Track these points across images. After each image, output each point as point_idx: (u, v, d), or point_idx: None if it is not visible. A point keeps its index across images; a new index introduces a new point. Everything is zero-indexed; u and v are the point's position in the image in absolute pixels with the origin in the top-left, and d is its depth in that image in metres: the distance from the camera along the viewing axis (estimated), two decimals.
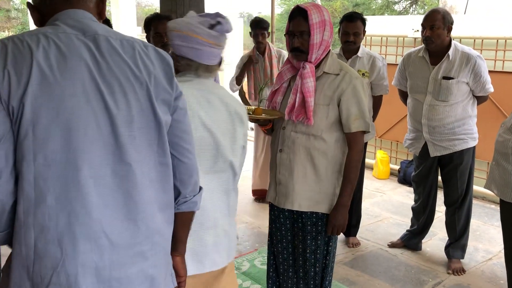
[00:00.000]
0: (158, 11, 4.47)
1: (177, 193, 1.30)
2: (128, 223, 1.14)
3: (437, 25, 2.91)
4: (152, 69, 1.18)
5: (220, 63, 1.64)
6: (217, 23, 1.52)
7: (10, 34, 14.69)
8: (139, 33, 12.18)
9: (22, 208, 1.07)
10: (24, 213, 1.07)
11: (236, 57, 7.78)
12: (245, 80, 4.36)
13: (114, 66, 1.12)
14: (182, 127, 1.26)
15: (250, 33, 4.16)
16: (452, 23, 2.97)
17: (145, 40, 3.40)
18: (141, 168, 1.15)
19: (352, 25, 3.19)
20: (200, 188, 1.36)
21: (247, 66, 4.17)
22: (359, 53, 3.29)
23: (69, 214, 1.07)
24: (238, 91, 4.36)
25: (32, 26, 7.79)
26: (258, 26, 4.09)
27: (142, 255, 1.17)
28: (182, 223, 1.34)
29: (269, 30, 4.20)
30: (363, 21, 3.23)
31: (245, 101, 4.40)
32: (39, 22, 1.20)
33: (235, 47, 7.87)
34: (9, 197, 1.07)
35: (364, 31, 3.27)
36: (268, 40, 4.20)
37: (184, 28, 1.53)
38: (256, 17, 4.37)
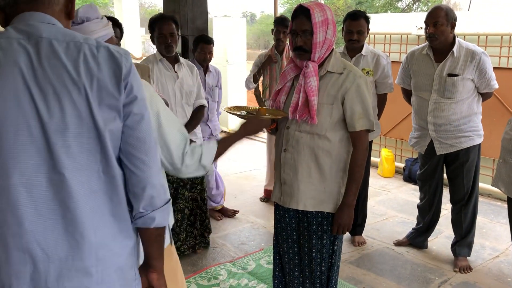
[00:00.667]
0: (161, 11, 4.48)
1: (131, 207, 1.21)
2: (66, 235, 1.10)
3: (440, 22, 2.90)
4: (96, 72, 1.10)
5: None
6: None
7: None
8: (142, 34, 12.22)
9: None
10: None
11: (239, 56, 7.82)
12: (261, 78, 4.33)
13: (50, 72, 1.08)
14: (136, 134, 1.16)
15: (272, 30, 4.14)
16: (455, 19, 2.95)
17: (150, 41, 3.41)
18: (79, 177, 1.09)
19: (355, 24, 3.19)
20: (168, 201, 1.27)
21: (266, 64, 4.15)
22: (363, 52, 3.28)
23: (1, 224, 1.06)
24: (253, 90, 4.33)
25: None
26: (282, 24, 4.05)
27: (84, 270, 1.12)
28: (146, 239, 1.25)
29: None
30: (367, 19, 3.22)
31: (260, 100, 4.39)
32: (4, 23, 1.18)
33: (238, 46, 7.85)
34: None
35: (368, 29, 3.26)
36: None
37: None
38: (281, 15, 4.35)
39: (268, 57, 4.14)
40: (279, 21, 4.10)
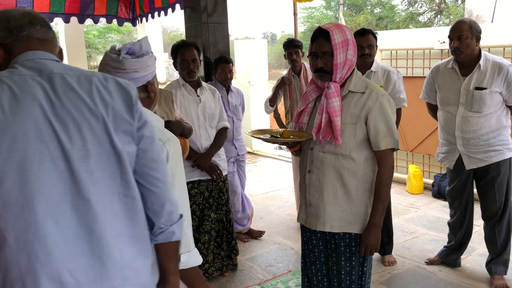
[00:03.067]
0: (183, 36, 4.57)
1: (152, 224, 1.28)
2: (93, 259, 1.14)
3: (464, 35, 2.87)
4: (110, 101, 1.19)
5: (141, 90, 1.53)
6: (121, 48, 1.52)
7: None
8: (165, 59, 12.46)
9: None
10: None
11: (260, 78, 7.87)
12: (282, 101, 4.35)
13: (68, 103, 1.14)
14: (149, 155, 1.25)
15: (285, 55, 4.19)
16: (480, 32, 2.91)
17: (173, 67, 3.48)
18: (103, 201, 1.15)
19: (364, 38, 3.24)
20: (181, 216, 1.34)
21: (279, 87, 4.18)
22: (373, 68, 3.31)
23: (29, 254, 1.09)
24: (273, 112, 4.36)
25: (64, 59, 8.06)
26: (290, 45, 4.11)
27: None
28: (165, 254, 1.32)
29: (303, 49, 4.19)
30: (374, 35, 3.29)
31: (280, 123, 4.40)
32: (3, 59, 1.24)
33: (260, 67, 7.91)
34: None
35: (376, 46, 3.31)
36: (303, 61, 4.20)
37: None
38: (288, 38, 4.41)
39: (281, 80, 4.16)
40: (287, 44, 4.15)
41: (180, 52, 3.16)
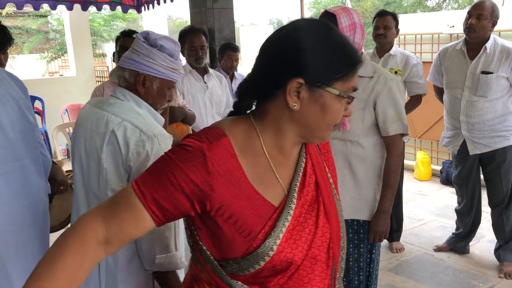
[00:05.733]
0: (189, 23, 4.53)
1: None
2: None
3: (484, 15, 2.81)
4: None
5: None
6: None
7: (50, 54, 15.22)
8: None
9: None
10: None
11: None
12: None
13: None
14: None
15: None
16: (498, 18, 2.87)
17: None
18: None
19: (381, 19, 3.23)
20: None
21: None
22: (392, 51, 3.28)
23: None
24: None
25: (69, 47, 8.06)
26: None
27: None
28: None
29: None
30: (395, 17, 3.25)
31: None
32: None
33: None
34: None
35: (398, 29, 3.28)
36: None
37: None
38: None
39: None
40: None
41: (189, 38, 3.12)
